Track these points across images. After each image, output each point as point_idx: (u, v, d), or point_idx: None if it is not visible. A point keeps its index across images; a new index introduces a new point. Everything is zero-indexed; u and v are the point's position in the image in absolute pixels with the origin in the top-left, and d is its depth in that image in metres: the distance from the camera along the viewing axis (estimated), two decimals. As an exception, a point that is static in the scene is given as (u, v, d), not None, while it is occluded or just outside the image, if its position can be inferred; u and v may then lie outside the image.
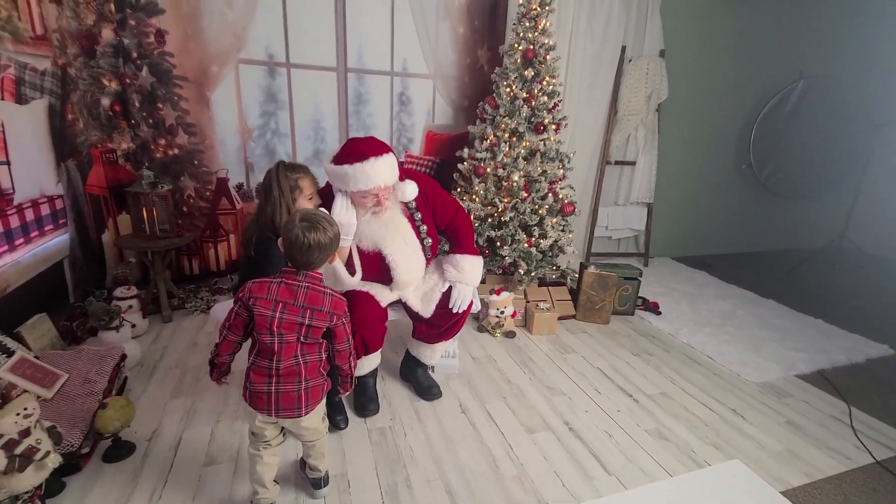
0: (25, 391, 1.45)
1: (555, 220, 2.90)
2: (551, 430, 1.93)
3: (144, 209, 2.59)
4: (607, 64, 3.57)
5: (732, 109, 4.14)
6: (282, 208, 1.66)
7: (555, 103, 2.81)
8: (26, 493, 1.35)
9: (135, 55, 2.68)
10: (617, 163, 3.85)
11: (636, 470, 1.74)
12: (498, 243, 2.87)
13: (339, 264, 1.77)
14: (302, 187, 1.72)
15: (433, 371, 2.26)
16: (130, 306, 2.42)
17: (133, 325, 2.37)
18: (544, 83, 2.77)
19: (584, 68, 3.48)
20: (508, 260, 2.85)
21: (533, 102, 2.78)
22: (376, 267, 1.87)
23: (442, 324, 1.98)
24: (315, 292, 1.33)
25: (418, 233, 1.89)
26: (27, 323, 2.05)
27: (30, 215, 2.16)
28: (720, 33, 3.87)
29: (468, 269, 1.95)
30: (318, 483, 1.53)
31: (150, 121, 2.80)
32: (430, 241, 1.92)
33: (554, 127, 2.84)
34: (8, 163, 2.01)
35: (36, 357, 1.84)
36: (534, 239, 2.87)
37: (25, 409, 1.39)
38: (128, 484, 1.55)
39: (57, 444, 1.49)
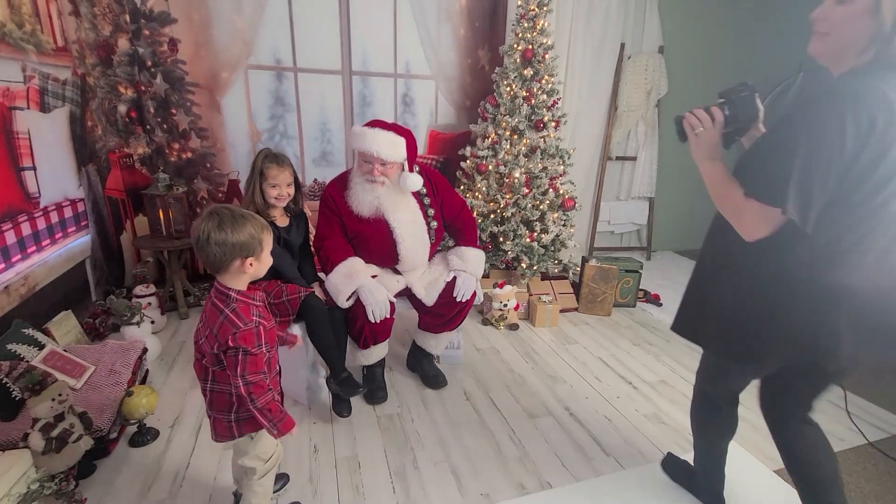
0: (58, 379, 1.56)
1: (556, 215, 2.98)
2: (552, 415, 2.01)
3: (160, 211, 2.71)
4: (607, 61, 3.64)
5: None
6: (250, 191, 1.79)
7: (554, 101, 2.89)
8: (62, 472, 1.46)
9: (149, 63, 2.80)
10: (618, 158, 3.91)
11: (634, 451, 1.81)
12: (501, 238, 2.95)
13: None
14: (267, 175, 1.79)
15: (439, 361, 2.35)
16: (149, 303, 2.54)
17: (153, 321, 2.49)
18: (543, 82, 2.85)
19: (584, 66, 3.55)
20: (511, 255, 2.93)
21: (532, 101, 2.86)
22: (384, 242, 1.95)
23: (445, 314, 2.07)
24: (214, 309, 1.15)
25: (425, 214, 2.01)
26: (54, 319, 2.17)
27: (55, 217, 2.28)
28: (718, 28, 3.91)
29: (472, 260, 2.05)
30: None
31: (165, 126, 2.92)
32: (435, 224, 2.03)
33: (554, 124, 2.92)
34: (34, 168, 2.13)
35: (65, 350, 1.96)
36: (535, 234, 2.95)
37: (60, 394, 1.51)
38: (154, 466, 1.65)
39: (88, 429, 1.60)
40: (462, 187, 3.13)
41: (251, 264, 1.16)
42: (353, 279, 1.86)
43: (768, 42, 4.09)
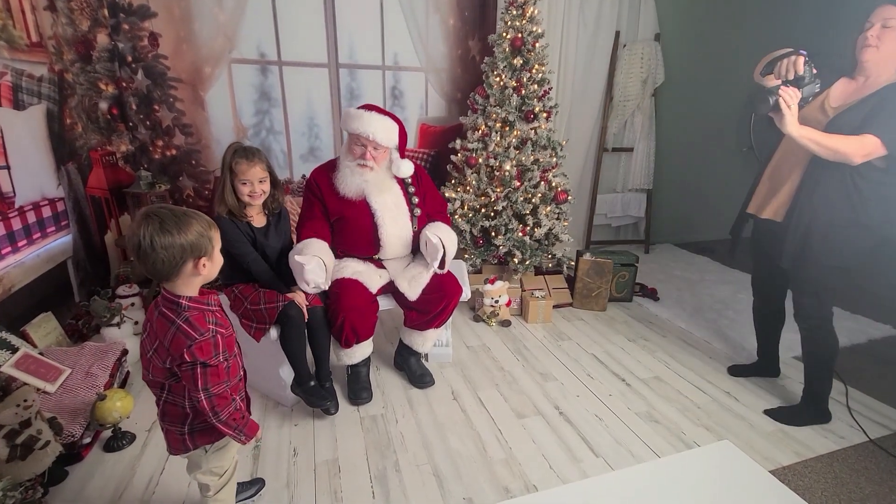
0: (25, 384, 1.51)
1: (549, 208, 2.90)
2: (541, 414, 1.95)
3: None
4: (601, 50, 3.54)
5: (731, 91, 4.07)
6: (221, 188, 1.71)
7: (545, 91, 2.81)
8: (28, 480, 1.41)
9: (130, 59, 2.74)
10: (614, 150, 3.82)
11: (624, 452, 1.75)
12: (493, 233, 2.88)
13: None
14: (236, 171, 1.69)
15: (426, 360, 2.29)
16: (132, 304, 2.49)
17: (136, 322, 2.44)
18: (533, 71, 2.77)
19: (578, 55, 3.46)
20: (503, 249, 2.86)
21: (523, 91, 2.78)
22: (365, 226, 1.92)
23: (431, 310, 2.01)
24: (162, 319, 1.05)
25: (409, 201, 1.98)
26: (33, 321, 2.12)
27: (32, 217, 2.23)
28: (715, 13, 3.81)
29: (444, 232, 1.99)
30: None
31: (148, 123, 2.86)
32: (419, 211, 2.01)
33: (545, 115, 2.84)
34: (8, 167, 2.07)
35: (41, 353, 1.91)
36: (528, 228, 2.88)
37: (25, 400, 1.46)
38: (127, 471, 1.61)
39: (58, 435, 1.55)
40: (453, 181, 3.06)
41: (204, 265, 1.06)
42: (303, 250, 1.78)
43: (767, 26, 3.98)
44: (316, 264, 1.73)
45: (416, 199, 2.00)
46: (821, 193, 1.65)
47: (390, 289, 2.04)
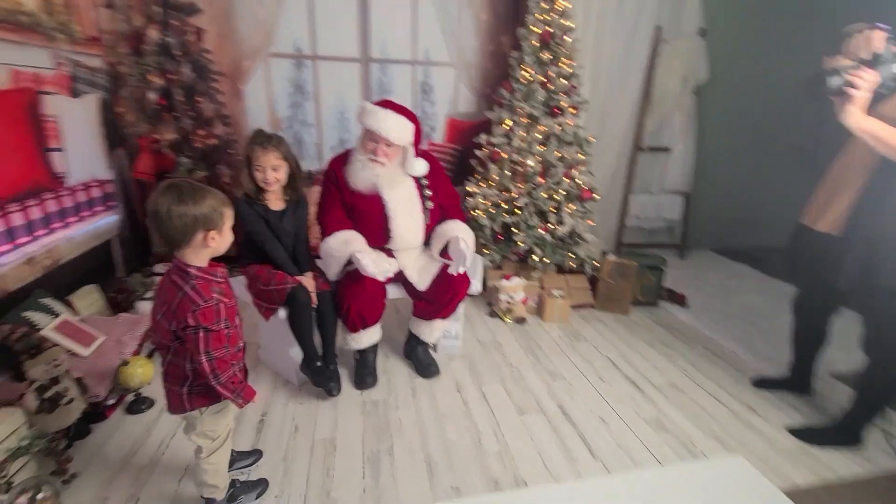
0: (56, 345, 1.66)
1: (573, 206, 2.84)
2: (543, 412, 1.92)
3: (183, 194, 2.83)
4: (640, 45, 3.42)
5: (782, 87, 3.80)
6: (244, 172, 1.78)
7: (571, 86, 2.75)
8: (54, 432, 1.55)
9: (177, 53, 2.92)
10: (651, 149, 3.67)
11: (624, 456, 1.69)
12: (514, 230, 2.85)
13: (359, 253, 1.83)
14: (252, 158, 1.77)
15: (435, 350, 2.30)
16: (168, 281, 2.66)
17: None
18: (561, 65, 2.71)
19: (615, 50, 3.35)
20: (524, 246, 2.83)
21: (550, 86, 2.73)
22: (377, 218, 1.94)
23: (438, 301, 2.02)
24: (172, 286, 1.14)
25: (422, 194, 1.99)
26: (77, 292, 2.32)
27: (82, 197, 2.43)
28: (768, 4, 3.57)
29: (466, 233, 2.01)
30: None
31: (191, 113, 3.04)
32: (431, 204, 2.01)
33: (572, 110, 2.78)
34: (62, 149, 2.28)
35: (82, 320, 2.09)
36: (550, 226, 2.83)
37: (55, 360, 1.61)
38: (143, 433, 1.73)
39: (84, 394, 1.69)
40: (478, 177, 3.05)
41: (213, 238, 1.15)
42: (349, 245, 1.86)
43: (821, 16, 3.67)
44: (371, 258, 1.82)
45: (428, 193, 2.01)
46: (891, 205, 1.40)
47: (400, 278, 2.07)
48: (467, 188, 2.94)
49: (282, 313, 1.85)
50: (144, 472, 1.55)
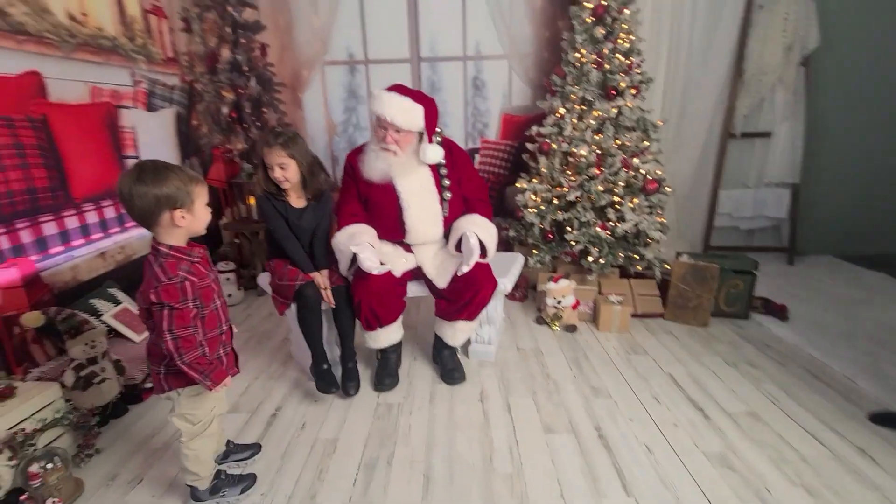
0: (94, 327, 1.80)
1: (636, 200, 2.48)
2: (574, 432, 1.64)
3: (246, 197, 3.02)
4: (729, 11, 2.93)
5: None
6: (259, 170, 1.78)
7: (630, 63, 2.42)
8: (87, 409, 1.67)
9: (245, 68, 3.16)
10: (745, 135, 3.12)
11: (668, 496, 1.36)
12: (567, 227, 2.57)
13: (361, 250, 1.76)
14: (263, 156, 1.76)
15: (467, 356, 2.13)
16: (228, 279, 2.84)
17: (229, 295, 2.77)
18: (619, 41, 2.41)
19: (696, 20, 2.92)
20: (578, 246, 2.53)
21: (606, 64, 2.43)
22: (391, 209, 1.86)
23: (459, 300, 1.86)
24: (147, 263, 1.17)
25: (439, 184, 1.86)
26: (147, 285, 2.56)
27: (155, 200, 2.69)
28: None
29: (482, 227, 1.84)
30: (192, 492, 1.37)
31: (258, 123, 3.26)
32: (449, 195, 1.88)
33: (633, 91, 2.44)
34: (139, 157, 2.54)
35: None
36: (610, 223, 2.50)
37: (93, 341, 1.74)
38: (166, 418, 1.79)
39: (120, 375, 1.82)
40: (530, 171, 2.83)
41: (182, 217, 1.15)
42: (353, 239, 1.80)
43: None
44: (371, 252, 1.75)
45: (447, 183, 1.87)
46: None
47: (421, 275, 1.95)
48: (517, 184, 2.73)
49: (294, 309, 1.83)
50: (156, 455, 1.60)
